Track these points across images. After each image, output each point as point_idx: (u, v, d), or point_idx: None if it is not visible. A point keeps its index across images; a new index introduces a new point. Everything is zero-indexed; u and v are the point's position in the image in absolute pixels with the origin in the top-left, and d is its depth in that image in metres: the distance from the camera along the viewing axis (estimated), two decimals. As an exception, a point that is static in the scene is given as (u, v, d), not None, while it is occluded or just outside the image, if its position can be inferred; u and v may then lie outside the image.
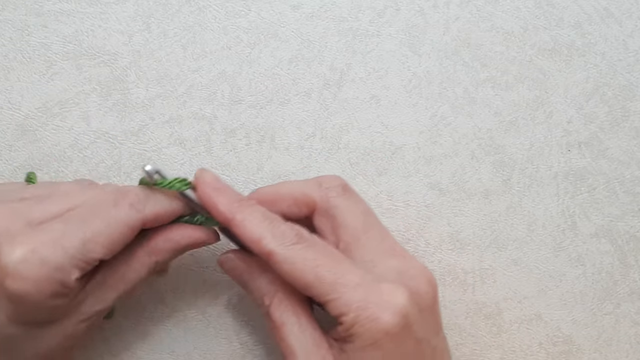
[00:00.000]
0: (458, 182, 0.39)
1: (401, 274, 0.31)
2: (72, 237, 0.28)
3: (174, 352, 0.37)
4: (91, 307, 0.30)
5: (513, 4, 0.40)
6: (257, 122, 0.38)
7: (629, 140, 0.40)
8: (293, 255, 0.30)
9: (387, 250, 0.32)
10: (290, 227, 0.31)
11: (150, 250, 0.31)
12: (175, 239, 0.32)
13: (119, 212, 0.30)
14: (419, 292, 0.30)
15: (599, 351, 0.39)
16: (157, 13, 0.39)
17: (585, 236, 0.39)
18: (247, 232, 0.30)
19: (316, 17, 0.39)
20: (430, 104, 0.39)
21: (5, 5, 0.38)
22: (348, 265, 0.30)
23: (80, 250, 0.28)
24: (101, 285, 0.30)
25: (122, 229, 0.29)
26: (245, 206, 0.31)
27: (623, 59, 0.40)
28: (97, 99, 0.38)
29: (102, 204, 0.30)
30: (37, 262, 0.27)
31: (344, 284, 0.29)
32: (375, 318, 0.28)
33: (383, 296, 0.29)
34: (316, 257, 0.30)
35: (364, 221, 0.32)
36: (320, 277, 0.29)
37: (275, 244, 0.30)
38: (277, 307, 0.31)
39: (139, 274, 0.31)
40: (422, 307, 0.30)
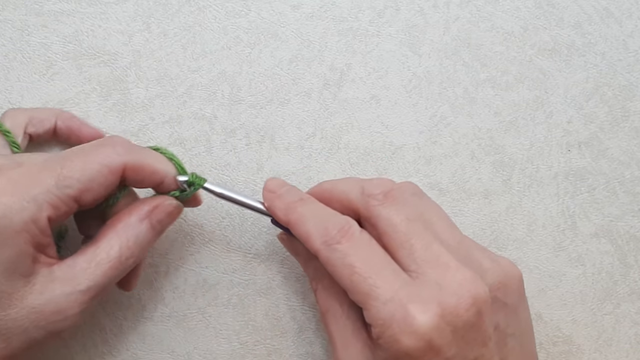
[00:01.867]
0: (458, 182, 0.39)
1: (442, 289, 0.29)
2: (49, 171, 0.28)
3: (174, 352, 0.37)
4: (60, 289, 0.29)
5: (513, 4, 0.40)
6: (257, 122, 0.38)
7: (629, 140, 0.40)
8: (334, 258, 0.30)
9: (431, 260, 0.30)
10: (337, 222, 0.31)
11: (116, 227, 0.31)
12: (137, 209, 0.31)
13: (99, 152, 0.30)
14: (457, 310, 0.28)
15: (599, 351, 0.39)
16: (157, 13, 0.39)
17: (585, 236, 0.39)
18: (298, 231, 0.31)
19: (316, 17, 0.39)
20: (430, 104, 0.39)
21: (5, 5, 0.38)
22: (386, 275, 0.29)
23: (55, 183, 0.28)
24: (71, 267, 0.29)
25: (99, 168, 0.29)
26: (300, 205, 0.32)
27: (623, 59, 0.40)
28: (97, 99, 0.38)
29: (85, 146, 0.31)
30: (11, 189, 0.27)
31: (375, 297, 0.28)
32: (396, 339, 0.28)
33: (409, 317, 0.28)
34: (355, 262, 0.29)
35: (407, 230, 0.31)
36: (355, 285, 0.29)
37: (320, 244, 0.30)
38: (322, 293, 0.32)
39: (108, 253, 0.30)
40: (458, 327, 0.28)
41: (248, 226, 0.37)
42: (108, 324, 0.37)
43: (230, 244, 0.38)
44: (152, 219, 0.31)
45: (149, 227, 0.31)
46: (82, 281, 0.29)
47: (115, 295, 0.37)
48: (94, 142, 0.31)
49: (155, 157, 0.32)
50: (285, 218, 0.32)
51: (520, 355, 0.31)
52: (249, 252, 0.38)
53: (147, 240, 0.31)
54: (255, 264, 0.38)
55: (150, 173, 0.31)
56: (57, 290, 0.29)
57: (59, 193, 0.28)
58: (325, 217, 0.31)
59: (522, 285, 0.32)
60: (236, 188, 0.38)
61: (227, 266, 0.38)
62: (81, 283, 0.29)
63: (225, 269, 0.38)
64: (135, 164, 0.31)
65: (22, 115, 0.34)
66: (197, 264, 0.37)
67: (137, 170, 0.31)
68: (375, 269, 0.29)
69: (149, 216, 0.31)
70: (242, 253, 0.38)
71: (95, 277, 0.29)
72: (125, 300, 0.37)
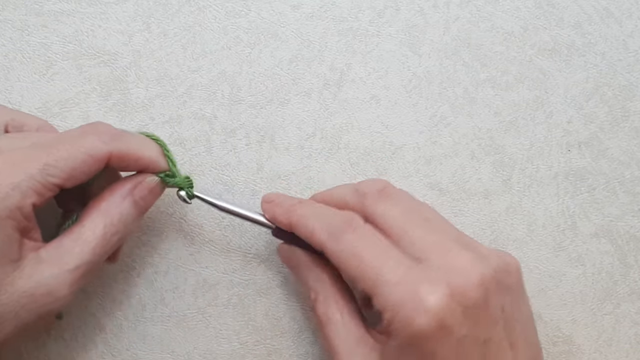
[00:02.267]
0: (458, 182, 0.39)
1: (448, 272, 0.29)
2: (34, 159, 0.28)
3: (174, 352, 0.37)
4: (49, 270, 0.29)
5: (513, 4, 0.40)
6: (257, 122, 0.38)
7: (629, 140, 0.40)
8: (340, 249, 0.30)
9: (435, 245, 0.31)
10: (341, 216, 0.31)
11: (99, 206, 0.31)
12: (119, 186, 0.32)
13: (84, 140, 0.30)
14: (465, 290, 0.29)
15: (599, 351, 0.39)
16: (157, 13, 0.39)
17: (585, 236, 0.39)
18: (302, 230, 0.32)
19: (316, 17, 0.39)
20: (430, 104, 0.39)
21: (5, 5, 0.38)
22: (393, 260, 0.29)
23: (39, 172, 0.28)
24: (57, 248, 0.29)
25: (83, 156, 0.29)
26: (298, 207, 0.33)
27: (623, 59, 0.40)
28: (97, 99, 0.38)
29: (70, 134, 0.31)
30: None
31: (384, 281, 0.29)
32: (409, 320, 0.28)
33: (419, 297, 0.28)
34: (362, 251, 0.30)
35: (404, 221, 0.31)
36: (363, 273, 0.29)
37: (326, 237, 0.31)
38: (322, 303, 0.32)
39: (93, 231, 0.30)
40: (467, 306, 0.29)
41: (248, 226, 0.37)
42: (108, 324, 0.37)
43: (230, 244, 0.38)
44: (134, 196, 0.32)
45: (132, 203, 0.32)
46: (69, 261, 0.29)
47: (115, 295, 0.37)
48: (78, 129, 0.31)
49: (141, 143, 0.32)
50: (287, 220, 0.33)
51: (527, 344, 0.31)
52: (249, 252, 0.38)
53: (130, 216, 0.32)
54: (255, 264, 0.38)
55: (135, 160, 0.32)
56: (46, 272, 0.29)
57: (42, 181, 0.28)
58: (328, 213, 0.32)
59: (521, 275, 0.32)
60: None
61: (227, 266, 0.38)
62: (69, 263, 0.29)
63: (225, 269, 0.38)
64: (121, 152, 0.31)
65: (5, 114, 0.34)
66: (197, 264, 0.37)
67: (122, 158, 0.31)
68: (382, 256, 0.30)
69: (131, 193, 0.32)
70: (242, 253, 0.38)
71: (83, 256, 0.30)
72: (125, 300, 0.37)
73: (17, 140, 0.30)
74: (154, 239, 0.37)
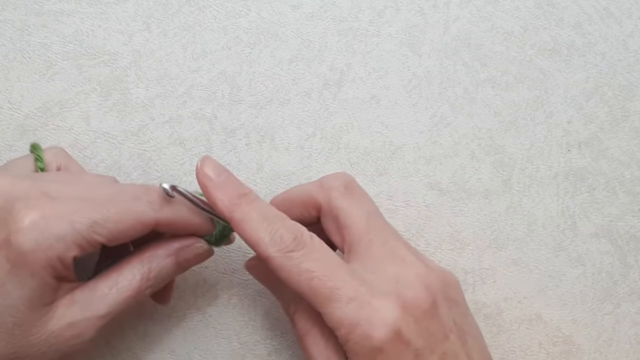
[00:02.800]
0: (458, 182, 0.39)
1: (399, 282, 0.30)
2: (83, 214, 0.28)
3: (174, 352, 0.37)
4: (81, 313, 0.29)
5: (513, 4, 0.40)
6: (257, 122, 0.38)
7: (629, 140, 0.40)
8: (289, 264, 0.29)
9: (389, 254, 0.31)
10: (290, 230, 0.30)
11: (143, 256, 0.31)
12: (168, 243, 0.32)
13: (135, 204, 0.30)
14: (415, 301, 0.29)
15: (599, 351, 0.39)
16: (157, 13, 0.39)
17: (585, 236, 0.39)
18: (246, 235, 0.30)
19: (316, 17, 0.39)
20: (430, 104, 0.39)
21: (5, 5, 0.38)
22: (344, 275, 0.29)
23: (87, 229, 0.28)
24: (93, 292, 0.30)
25: (132, 222, 0.29)
26: (245, 203, 0.31)
27: (623, 59, 0.40)
28: (97, 99, 0.38)
29: (122, 193, 0.30)
30: (43, 226, 0.27)
31: (337, 298, 0.28)
32: (366, 336, 0.28)
33: (374, 312, 0.28)
34: (312, 267, 0.29)
35: (367, 223, 0.32)
36: (314, 290, 0.29)
37: (273, 250, 0.29)
38: (301, 316, 0.32)
39: (130, 281, 0.30)
40: (419, 317, 0.29)
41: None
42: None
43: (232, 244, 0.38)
44: (179, 257, 0.32)
45: (174, 263, 0.32)
46: (101, 307, 0.29)
47: (115, 295, 0.37)
48: (131, 190, 0.31)
49: (191, 210, 0.32)
50: (230, 215, 0.30)
51: (482, 356, 0.31)
52: (249, 252, 0.38)
53: (169, 274, 0.32)
54: (255, 264, 0.38)
55: (183, 227, 0.32)
56: (77, 315, 0.29)
57: (88, 237, 0.28)
58: (274, 221, 0.30)
59: (462, 292, 0.33)
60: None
61: (227, 266, 0.38)
62: (100, 309, 0.29)
63: (225, 269, 0.38)
64: (169, 220, 0.31)
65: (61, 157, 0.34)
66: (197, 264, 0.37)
67: (169, 225, 0.31)
68: (333, 271, 0.29)
69: (176, 253, 0.32)
70: (242, 253, 0.38)
71: (115, 304, 0.30)
72: (125, 300, 0.37)
73: (67, 186, 0.30)
74: (154, 239, 0.37)
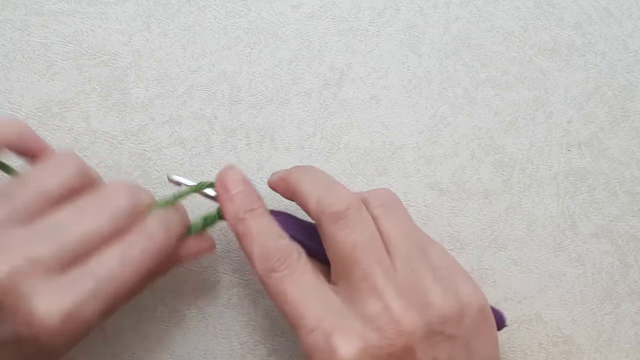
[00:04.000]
0: (458, 182, 0.39)
1: (367, 322, 0.29)
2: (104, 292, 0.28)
3: (174, 352, 0.37)
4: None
5: (513, 4, 0.40)
6: (257, 122, 0.38)
7: (629, 140, 0.40)
8: (269, 283, 0.31)
9: (365, 289, 0.30)
10: (279, 250, 0.31)
11: None
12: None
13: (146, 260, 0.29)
14: (380, 344, 0.28)
15: (599, 351, 0.39)
16: (157, 13, 0.39)
17: (585, 236, 0.39)
18: (243, 247, 0.32)
19: (316, 17, 0.39)
20: (430, 104, 0.39)
21: (5, 5, 0.38)
22: (315, 304, 0.29)
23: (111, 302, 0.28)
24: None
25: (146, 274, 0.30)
26: (250, 218, 0.32)
27: (623, 59, 0.40)
28: (97, 99, 0.38)
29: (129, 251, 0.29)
30: (76, 320, 0.27)
31: (302, 326, 0.29)
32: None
33: (330, 348, 0.28)
34: (287, 291, 0.30)
35: (350, 255, 0.30)
36: (284, 313, 0.30)
37: (259, 267, 0.31)
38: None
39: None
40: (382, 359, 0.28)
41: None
42: (108, 324, 0.37)
43: (230, 244, 0.38)
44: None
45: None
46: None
47: (115, 295, 0.37)
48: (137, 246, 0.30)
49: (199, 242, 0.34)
50: (234, 228, 0.32)
51: None
52: (249, 252, 0.38)
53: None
54: (255, 264, 0.38)
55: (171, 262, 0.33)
56: None
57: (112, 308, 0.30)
58: (269, 240, 0.31)
59: (481, 315, 0.31)
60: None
61: (227, 266, 0.38)
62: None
63: (225, 269, 0.38)
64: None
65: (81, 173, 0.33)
66: (197, 264, 0.37)
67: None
68: (305, 298, 0.30)
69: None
70: (242, 253, 0.38)
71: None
72: (125, 300, 0.37)
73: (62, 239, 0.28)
74: (154, 239, 0.37)
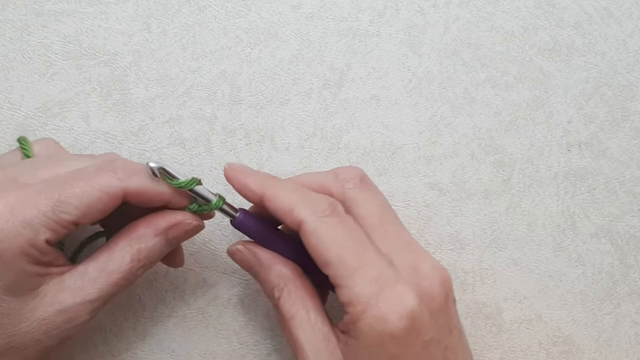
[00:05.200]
0: (458, 182, 0.39)
1: (416, 272, 0.30)
2: (47, 195, 0.28)
3: (174, 352, 0.37)
4: (71, 299, 0.29)
5: (513, 4, 0.40)
6: (257, 122, 0.38)
7: (629, 140, 0.40)
8: (323, 229, 0.29)
9: (404, 245, 0.31)
10: (324, 198, 0.30)
11: (131, 237, 0.31)
12: (155, 222, 0.31)
13: (99, 177, 0.29)
14: (431, 293, 0.29)
15: (599, 351, 0.39)
16: (157, 13, 0.39)
17: (585, 236, 0.39)
18: (279, 204, 0.30)
19: (316, 17, 0.39)
20: (430, 104, 0.39)
21: (5, 5, 0.38)
22: (372, 255, 0.29)
23: (52, 209, 0.28)
24: (82, 276, 0.29)
25: (98, 194, 0.29)
26: (277, 181, 0.32)
27: (623, 59, 0.40)
28: (97, 99, 0.38)
29: (86, 169, 0.30)
30: (7, 214, 0.27)
31: (362, 274, 0.28)
32: (381, 318, 0.28)
33: (395, 297, 0.28)
34: (344, 237, 0.29)
35: (381, 214, 0.32)
36: (342, 259, 0.29)
37: (307, 213, 0.29)
38: (286, 300, 0.31)
39: (120, 264, 0.30)
40: (433, 309, 0.29)
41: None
42: (108, 324, 0.37)
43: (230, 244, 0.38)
44: (168, 235, 0.31)
45: (164, 242, 0.31)
46: (92, 291, 0.29)
47: (115, 295, 0.37)
48: (95, 165, 0.30)
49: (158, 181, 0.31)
50: (261, 191, 0.31)
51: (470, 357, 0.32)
52: (249, 252, 0.38)
53: (160, 252, 0.31)
54: (255, 264, 0.38)
55: (153, 196, 0.31)
56: (68, 300, 0.29)
57: (55, 218, 0.28)
58: (310, 193, 0.31)
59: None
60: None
61: (227, 266, 0.38)
62: (91, 293, 0.29)
63: (225, 269, 0.38)
64: (137, 189, 0.30)
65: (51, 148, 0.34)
66: (197, 264, 0.37)
67: (139, 194, 0.30)
68: (363, 247, 0.29)
69: (165, 232, 0.31)
70: (242, 253, 0.38)
71: (106, 287, 0.30)
72: (125, 300, 0.37)
73: (37, 170, 0.30)
74: (154, 239, 0.37)
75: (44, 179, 0.29)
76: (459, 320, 0.32)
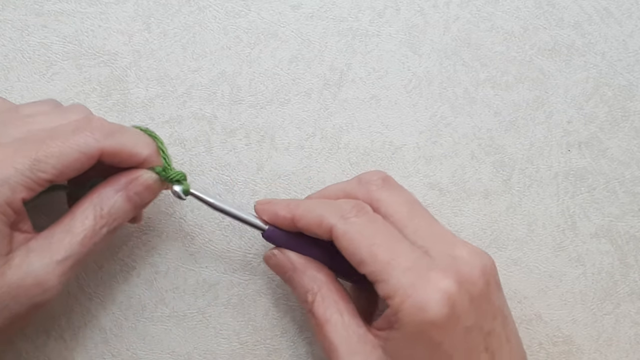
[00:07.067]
0: (458, 182, 0.39)
1: (454, 259, 0.30)
2: (24, 154, 0.28)
3: (174, 352, 0.37)
4: (38, 261, 0.29)
5: (513, 4, 0.40)
6: (257, 122, 0.38)
7: (629, 140, 0.40)
8: (351, 230, 0.30)
9: (438, 236, 0.31)
10: (349, 201, 0.31)
11: (92, 197, 0.31)
12: (116, 180, 0.31)
13: (76, 137, 0.30)
14: (471, 279, 0.29)
15: (599, 351, 0.39)
16: (157, 13, 0.39)
17: (585, 236, 0.39)
18: (309, 220, 0.31)
19: (316, 17, 0.39)
20: (430, 104, 0.39)
21: (5, 5, 0.38)
22: (404, 247, 0.30)
23: (30, 168, 0.28)
24: (49, 238, 0.30)
25: (75, 154, 0.29)
26: (302, 201, 0.33)
27: (623, 59, 0.40)
28: (97, 99, 0.38)
29: (63, 127, 0.30)
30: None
31: (395, 265, 0.29)
32: (421, 307, 0.28)
33: (431, 284, 0.28)
34: (374, 234, 0.30)
35: (410, 210, 0.32)
36: (374, 255, 0.29)
37: (335, 219, 0.31)
38: (320, 304, 0.32)
39: (83, 222, 0.30)
40: (474, 295, 0.29)
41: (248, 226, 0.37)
42: (108, 324, 0.37)
43: (230, 244, 0.38)
44: (129, 191, 0.31)
45: (124, 198, 0.31)
46: (58, 251, 0.29)
47: (115, 295, 0.37)
48: (72, 123, 0.31)
49: (135, 139, 0.32)
50: (291, 214, 0.32)
51: (518, 342, 0.32)
52: (249, 252, 0.38)
53: (122, 210, 0.31)
54: (255, 264, 0.38)
55: (128, 156, 0.31)
56: (35, 263, 0.29)
57: (32, 176, 0.28)
58: (335, 203, 0.32)
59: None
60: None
61: (227, 266, 0.38)
62: (58, 253, 0.29)
63: (225, 269, 0.38)
64: (113, 149, 0.30)
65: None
66: (197, 264, 0.37)
67: (114, 154, 0.31)
68: (394, 241, 0.30)
69: (125, 188, 0.31)
70: (242, 253, 0.38)
71: (72, 247, 0.30)
72: (125, 300, 0.37)
73: (6, 128, 0.30)
74: (154, 239, 0.37)
75: (18, 137, 0.30)
76: (507, 306, 0.32)
